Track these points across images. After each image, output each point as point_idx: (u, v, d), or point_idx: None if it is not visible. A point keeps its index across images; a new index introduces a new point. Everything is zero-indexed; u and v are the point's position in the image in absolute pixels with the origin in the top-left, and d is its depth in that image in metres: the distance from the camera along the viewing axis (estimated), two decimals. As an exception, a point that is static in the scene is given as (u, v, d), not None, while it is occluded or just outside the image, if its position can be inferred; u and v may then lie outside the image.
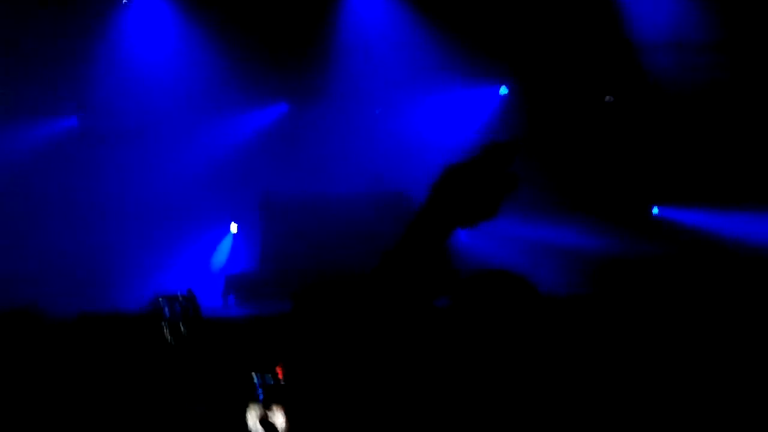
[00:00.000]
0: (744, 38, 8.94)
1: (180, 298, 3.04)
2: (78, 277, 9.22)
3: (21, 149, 9.87)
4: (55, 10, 9.55)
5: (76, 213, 9.77)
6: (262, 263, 8.92)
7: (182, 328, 2.99)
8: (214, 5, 9.89)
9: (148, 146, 10.00)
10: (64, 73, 9.76)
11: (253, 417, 2.50)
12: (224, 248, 10.39)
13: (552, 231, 9.57)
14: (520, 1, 9.59)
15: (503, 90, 10.40)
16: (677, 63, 9.27)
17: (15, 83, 9.65)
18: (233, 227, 10.34)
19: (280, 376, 2.88)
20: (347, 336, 1.52)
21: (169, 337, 3.01)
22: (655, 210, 9.81)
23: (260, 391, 2.76)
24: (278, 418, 2.47)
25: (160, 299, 3.00)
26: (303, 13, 9.97)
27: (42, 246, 9.44)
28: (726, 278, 7.95)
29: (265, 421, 2.47)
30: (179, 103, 10.02)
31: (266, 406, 2.49)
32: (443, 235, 1.44)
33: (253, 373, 2.86)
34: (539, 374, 3.18)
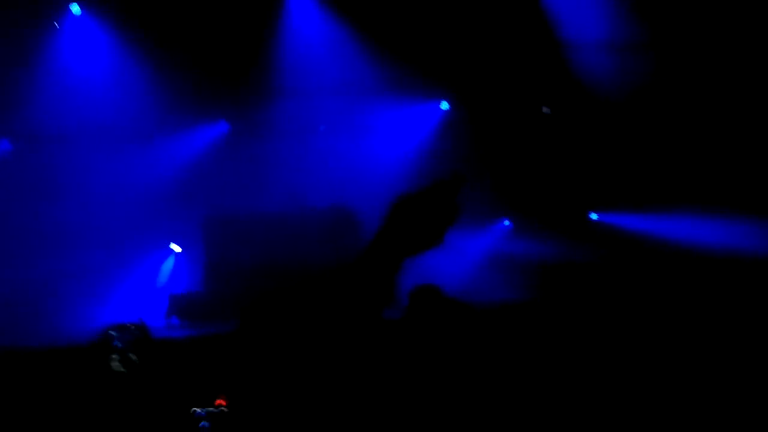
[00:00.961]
0: (673, 37, 9.23)
1: (131, 327, 3.02)
2: (16, 308, 8.92)
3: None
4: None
5: (10, 241, 9.47)
6: (205, 284, 8.80)
7: (133, 358, 2.97)
8: (151, 25, 9.76)
9: (86, 170, 9.79)
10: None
11: None
12: (167, 268, 10.22)
13: (492, 239, 9.74)
14: (455, 18, 9.77)
15: (444, 105, 10.56)
16: (608, 66, 9.52)
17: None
18: (175, 247, 10.18)
19: (224, 404, 2.87)
20: (296, 351, 1.56)
21: (119, 367, 2.98)
22: (594, 216, 10.08)
23: (204, 424, 2.75)
24: None
25: (111, 331, 2.98)
26: (243, 32, 9.95)
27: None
28: (664, 280, 8.20)
29: None
30: (117, 126, 9.85)
31: None
32: (394, 266, 1.50)
33: (195, 410, 2.85)
34: (479, 379, 3.24)
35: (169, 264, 10.23)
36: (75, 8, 9.85)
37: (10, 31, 9.42)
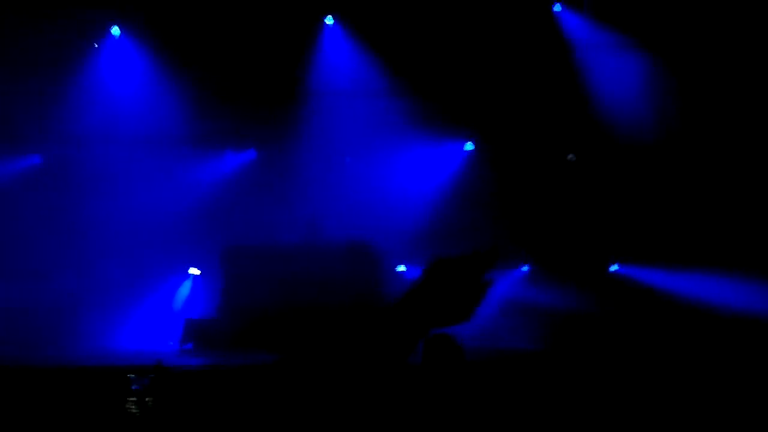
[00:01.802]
0: (700, 92, 9.24)
1: (151, 372, 3.10)
2: (36, 325, 9.05)
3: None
4: (27, 51, 9.59)
5: (33, 255, 9.63)
6: (222, 313, 8.84)
7: (148, 401, 3.03)
8: (185, 53, 9.98)
9: (112, 190, 9.94)
10: (30, 112, 9.73)
11: None
12: (184, 292, 10.30)
13: (509, 283, 9.68)
14: (486, 63, 9.86)
15: (469, 146, 10.61)
16: (636, 116, 9.53)
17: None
18: (194, 270, 10.28)
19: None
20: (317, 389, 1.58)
21: (134, 410, 3.04)
22: (614, 267, 9.98)
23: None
24: None
25: (130, 374, 3.06)
26: (276, 62, 10.13)
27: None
28: (681, 335, 8.09)
29: None
30: (146, 146, 10.02)
31: None
32: (421, 331, 1.51)
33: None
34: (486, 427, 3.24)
35: (186, 288, 10.32)
36: (115, 30, 10.16)
37: (54, 49, 9.71)
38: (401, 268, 10.08)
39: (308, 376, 1.62)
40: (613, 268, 9.94)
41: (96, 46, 10.23)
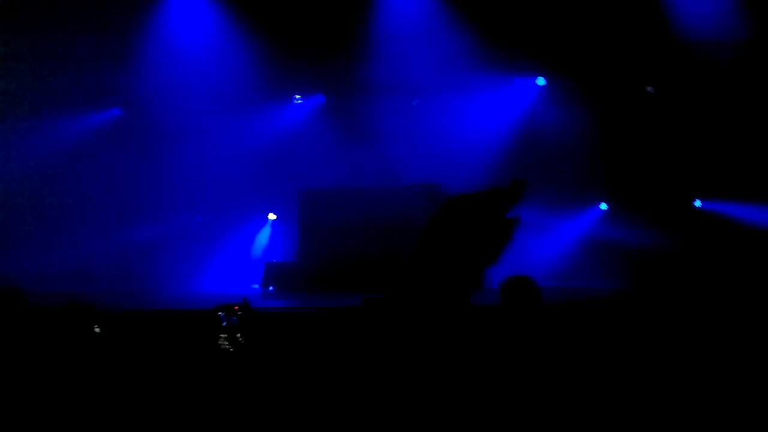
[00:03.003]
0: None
1: (237, 309, 3.20)
2: (123, 269, 9.49)
3: (66, 143, 10.15)
4: (99, 8, 9.78)
5: (120, 206, 10.04)
6: (300, 257, 9.05)
7: (239, 338, 3.15)
8: (251, 1, 9.99)
9: (190, 139, 10.19)
10: (108, 67, 9.99)
11: None
12: (263, 236, 10.59)
13: (588, 222, 9.50)
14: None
15: (540, 81, 10.30)
16: (720, 45, 9.02)
17: (60, 78, 9.91)
18: (271, 216, 10.54)
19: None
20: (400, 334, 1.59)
21: (227, 347, 3.16)
22: (698, 203, 9.62)
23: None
24: None
25: (220, 313, 3.16)
26: (340, 6, 10.01)
27: (89, 239, 9.72)
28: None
29: None
30: (219, 97, 10.18)
31: None
32: (450, 273, 1.47)
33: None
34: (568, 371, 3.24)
35: (265, 233, 10.59)
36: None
37: (126, 4, 9.88)
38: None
39: (385, 318, 1.63)
40: (696, 203, 9.60)
41: (165, -3, 10.33)
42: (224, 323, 3.25)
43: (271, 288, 8.68)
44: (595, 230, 9.45)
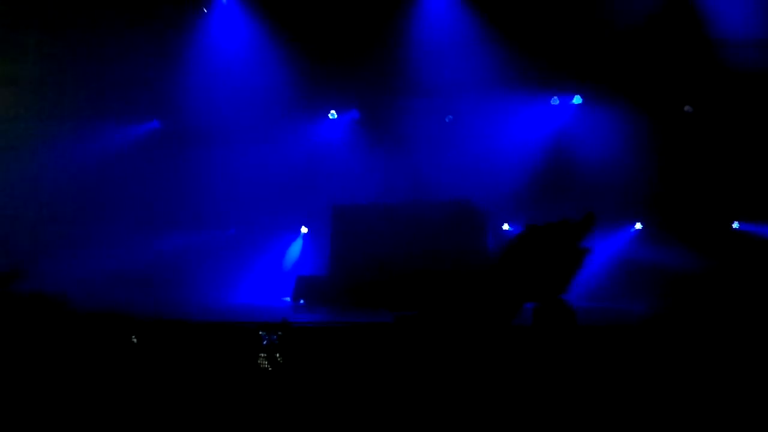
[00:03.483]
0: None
1: (278, 329, 3.23)
2: (156, 278, 9.62)
3: (108, 152, 10.36)
4: (140, 20, 10.00)
5: (157, 216, 10.19)
6: (331, 271, 9.09)
7: (278, 357, 3.17)
8: (287, 15, 10.11)
9: (226, 151, 10.34)
10: (146, 78, 10.19)
11: None
12: (295, 249, 10.66)
13: (622, 242, 9.36)
14: (593, 11, 9.40)
15: (577, 99, 10.22)
16: (758, 65, 8.84)
17: (100, 88, 10.15)
18: (304, 229, 10.61)
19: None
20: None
21: (266, 366, 3.18)
22: (736, 224, 9.42)
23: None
24: None
25: (261, 332, 3.19)
26: (377, 22, 10.09)
27: (122, 247, 9.89)
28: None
29: None
30: (255, 110, 10.31)
31: None
32: (515, 302, 1.50)
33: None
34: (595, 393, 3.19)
35: (297, 246, 10.67)
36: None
37: (166, 16, 10.08)
38: (506, 226, 9.97)
39: (420, 335, 1.64)
40: (735, 225, 9.40)
41: (205, 11, 10.52)
42: (265, 341, 3.28)
43: (302, 301, 8.71)
44: (629, 250, 9.31)
